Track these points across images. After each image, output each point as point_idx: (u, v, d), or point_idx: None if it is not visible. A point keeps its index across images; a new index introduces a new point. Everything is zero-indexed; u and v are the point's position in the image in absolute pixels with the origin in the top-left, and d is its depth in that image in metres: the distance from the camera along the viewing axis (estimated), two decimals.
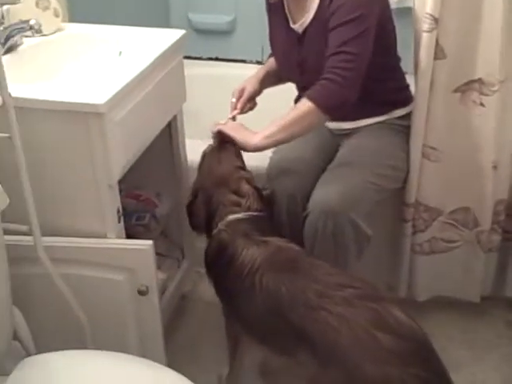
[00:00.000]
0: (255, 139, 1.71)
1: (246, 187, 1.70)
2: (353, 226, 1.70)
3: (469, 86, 1.83)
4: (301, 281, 1.43)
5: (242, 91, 1.95)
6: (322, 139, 1.96)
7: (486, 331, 2.08)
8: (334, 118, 1.87)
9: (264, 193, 1.79)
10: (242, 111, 1.93)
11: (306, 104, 1.68)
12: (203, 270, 2.24)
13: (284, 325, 1.41)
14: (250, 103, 1.96)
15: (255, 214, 1.65)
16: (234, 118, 1.90)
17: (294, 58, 1.87)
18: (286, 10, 1.86)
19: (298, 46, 1.85)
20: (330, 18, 1.69)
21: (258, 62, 2.87)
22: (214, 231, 1.65)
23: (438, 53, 1.78)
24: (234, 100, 1.94)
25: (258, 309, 1.48)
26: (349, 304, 1.35)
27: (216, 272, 1.67)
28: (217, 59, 3.03)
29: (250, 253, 1.53)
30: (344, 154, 1.87)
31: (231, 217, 1.64)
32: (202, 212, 1.71)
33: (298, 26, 1.83)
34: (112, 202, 1.55)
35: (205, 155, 1.82)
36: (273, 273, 1.47)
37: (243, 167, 1.77)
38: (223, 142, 1.79)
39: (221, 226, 1.64)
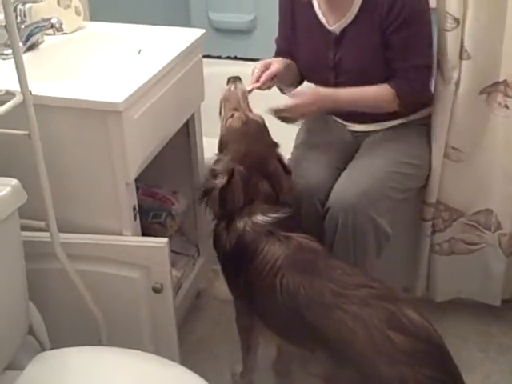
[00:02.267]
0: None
1: (280, 173, 1.64)
2: (373, 224, 1.70)
3: (494, 88, 1.83)
4: (318, 281, 1.43)
5: (268, 65, 1.80)
6: (343, 141, 1.96)
7: (501, 334, 2.07)
8: (360, 121, 1.91)
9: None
10: (262, 87, 1.78)
11: (387, 90, 1.79)
12: (219, 268, 2.28)
13: (301, 324, 1.42)
14: (271, 82, 1.80)
15: (285, 214, 1.60)
16: (250, 91, 1.77)
17: (330, 59, 1.85)
18: (317, 11, 1.85)
19: (335, 47, 1.83)
20: (394, 22, 1.74)
21: None
22: (238, 226, 1.58)
23: (463, 54, 1.77)
24: (256, 71, 1.79)
25: (277, 307, 1.48)
26: (364, 304, 1.35)
27: (232, 265, 1.64)
28: (236, 58, 3.03)
29: (272, 250, 1.52)
30: (366, 152, 1.86)
31: (260, 219, 1.58)
32: (239, 197, 1.60)
33: (336, 27, 1.82)
34: (128, 199, 1.56)
35: (232, 129, 1.69)
36: (293, 274, 1.46)
37: (276, 143, 1.70)
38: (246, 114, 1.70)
39: (247, 226, 1.57)
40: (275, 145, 1.69)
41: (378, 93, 1.82)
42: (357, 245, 1.72)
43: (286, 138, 1.92)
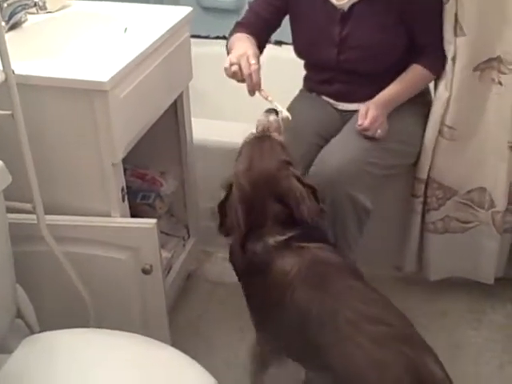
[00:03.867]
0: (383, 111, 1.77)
1: (296, 194, 1.46)
2: (350, 200, 1.69)
3: (488, 64, 1.81)
4: (332, 303, 1.31)
5: (246, 57, 1.64)
6: (329, 119, 1.94)
7: (494, 312, 2.07)
8: (351, 100, 1.90)
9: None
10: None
11: (423, 72, 1.84)
12: (209, 249, 2.28)
13: (311, 348, 1.33)
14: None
15: (303, 230, 1.47)
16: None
17: (335, 36, 1.82)
18: None
19: (341, 24, 1.81)
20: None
21: None
22: (250, 249, 1.46)
23: (458, 30, 1.76)
24: (249, 73, 1.61)
25: (287, 324, 1.40)
26: (380, 344, 1.23)
27: (246, 281, 1.54)
28: (225, 38, 2.98)
29: (285, 262, 1.41)
30: (349, 128, 1.84)
31: (271, 239, 1.45)
32: (238, 216, 1.47)
33: (344, 3, 1.79)
34: (116, 180, 1.54)
35: (243, 145, 1.58)
36: (305, 290, 1.36)
37: (291, 162, 1.52)
38: (266, 132, 1.58)
39: (259, 248, 1.45)
40: (289, 162, 1.51)
41: (417, 78, 1.86)
42: (336, 219, 1.71)
43: None
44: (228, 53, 1.83)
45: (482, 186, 1.95)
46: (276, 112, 1.63)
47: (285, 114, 1.63)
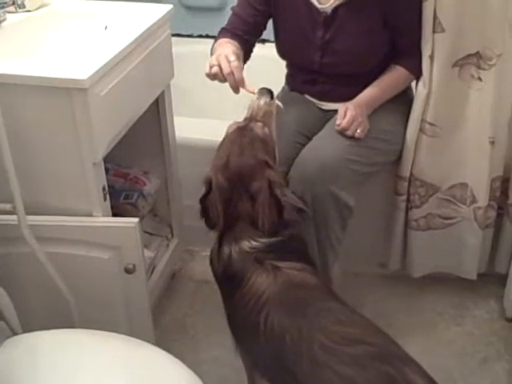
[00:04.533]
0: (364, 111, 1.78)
1: (264, 199, 1.44)
2: (332, 197, 1.69)
3: (467, 60, 1.81)
4: (307, 329, 1.25)
5: (224, 55, 1.64)
6: (312, 118, 1.94)
7: (476, 307, 2.09)
8: (334, 99, 1.89)
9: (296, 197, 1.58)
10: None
11: (402, 72, 1.86)
12: (193, 248, 2.27)
13: (288, 377, 1.26)
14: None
15: (279, 238, 1.44)
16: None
17: (318, 39, 1.82)
18: None
19: (324, 27, 1.80)
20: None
21: None
22: (225, 252, 1.44)
23: (437, 26, 1.76)
24: (230, 71, 1.61)
25: (263, 349, 1.34)
26: (359, 365, 1.17)
27: (223, 290, 1.51)
28: (208, 36, 2.98)
29: (259, 282, 1.36)
30: (331, 125, 1.83)
31: (247, 245, 1.42)
32: (218, 211, 1.46)
33: (327, 7, 1.78)
34: (97, 179, 1.52)
35: (225, 137, 1.56)
36: (279, 315, 1.30)
37: (270, 163, 1.49)
38: (250, 123, 1.56)
39: (234, 252, 1.43)
40: (267, 163, 1.49)
41: (398, 79, 1.87)
42: (318, 218, 1.70)
43: None
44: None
45: (463, 181, 1.96)
46: (271, 94, 1.62)
47: (276, 102, 1.63)
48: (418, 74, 1.85)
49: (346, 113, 1.75)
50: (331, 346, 1.20)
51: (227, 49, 1.70)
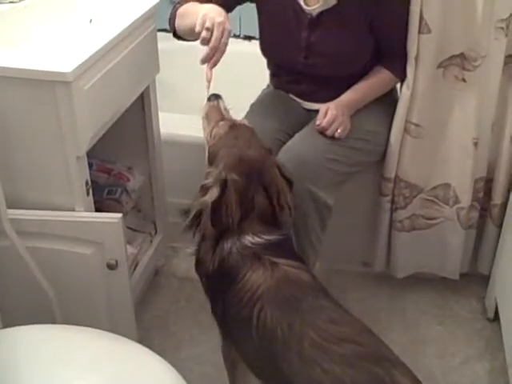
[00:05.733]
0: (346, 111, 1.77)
1: (280, 184, 1.47)
2: (311, 196, 1.69)
3: (451, 61, 1.82)
4: (299, 325, 1.25)
5: (222, 28, 1.56)
6: (295, 116, 1.93)
7: (459, 307, 2.10)
8: (319, 100, 1.87)
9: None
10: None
11: (386, 74, 1.86)
12: (177, 245, 2.26)
13: (277, 371, 1.26)
14: None
15: (280, 237, 1.44)
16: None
17: (302, 40, 1.81)
18: None
19: (309, 29, 1.79)
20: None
21: (235, 36, 2.82)
22: (225, 247, 1.41)
23: (423, 27, 1.76)
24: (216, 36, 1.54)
25: (254, 344, 1.33)
26: (348, 365, 1.17)
27: (213, 287, 1.49)
28: None
29: (254, 277, 1.35)
30: (313, 124, 1.81)
31: (250, 240, 1.40)
32: (233, 212, 1.41)
33: (313, 9, 1.76)
34: (80, 174, 1.51)
35: (223, 136, 1.53)
36: (273, 309, 1.30)
37: (272, 151, 1.55)
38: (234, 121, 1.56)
39: (234, 247, 1.40)
40: (270, 151, 1.50)
41: (381, 81, 1.88)
42: (296, 216, 1.66)
43: None
44: (172, 22, 1.82)
45: (446, 182, 1.97)
46: (219, 97, 1.62)
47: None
48: (401, 76, 1.86)
49: (327, 112, 1.75)
50: (321, 343, 1.21)
51: (226, 19, 1.58)
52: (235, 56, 1.91)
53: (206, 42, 1.56)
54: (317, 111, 1.87)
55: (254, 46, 2.01)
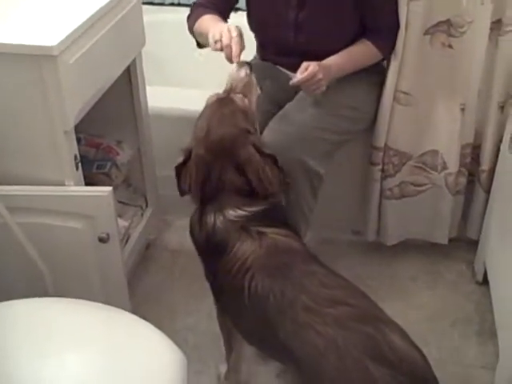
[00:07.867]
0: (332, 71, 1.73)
1: (257, 163, 1.45)
2: (302, 166, 1.70)
3: (438, 28, 1.82)
4: (291, 290, 1.28)
5: (227, 28, 1.63)
6: (285, 88, 1.92)
7: (448, 271, 2.13)
8: None
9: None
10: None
11: (370, 49, 1.83)
12: (168, 218, 2.27)
13: (271, 337, 1.29)
14: None
15: (264, 206, 1.45)
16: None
17: (291, 19, 1.81)
18: None
19: (298, 7, 1.79)
20: None
21: None
22: (209, 221, 1.44)
23: None
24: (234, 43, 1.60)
25: (247, 312, 1.36)
26: (340, 326, 1.19)
27: (205, 258, 1.51)
28: (179, 5, 2.95)
29: (243, 248, 1.38)
30: (302, 95, 1.82)
31: (232, 214, 1.43)
32: (194, 181, 1.46)
33: None
34: (69, 148, 1.51)
35: (205, 108, 1.54)
36: (263, 276, 1.32)
37: (250, 130, 1.50)
38: (230, 94, 1.54)
39: (219, 222, 1.43)
40: (249, 131, 1.49)
41: (366, 54, 1.85)
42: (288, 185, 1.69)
43: None
44: (194, 34, 1.88)
45: (434, 148, 1.98)
46: (250, 66, 1.60)
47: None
48: (386, 53, 1.86)
49: (308, 68, 1.70)
50: (313, 306, 1.23)
51: (227, 24, 1.68)
52: None
53: (219, 49, 1.62)
54: None
55: (240, 18, 2.00)
